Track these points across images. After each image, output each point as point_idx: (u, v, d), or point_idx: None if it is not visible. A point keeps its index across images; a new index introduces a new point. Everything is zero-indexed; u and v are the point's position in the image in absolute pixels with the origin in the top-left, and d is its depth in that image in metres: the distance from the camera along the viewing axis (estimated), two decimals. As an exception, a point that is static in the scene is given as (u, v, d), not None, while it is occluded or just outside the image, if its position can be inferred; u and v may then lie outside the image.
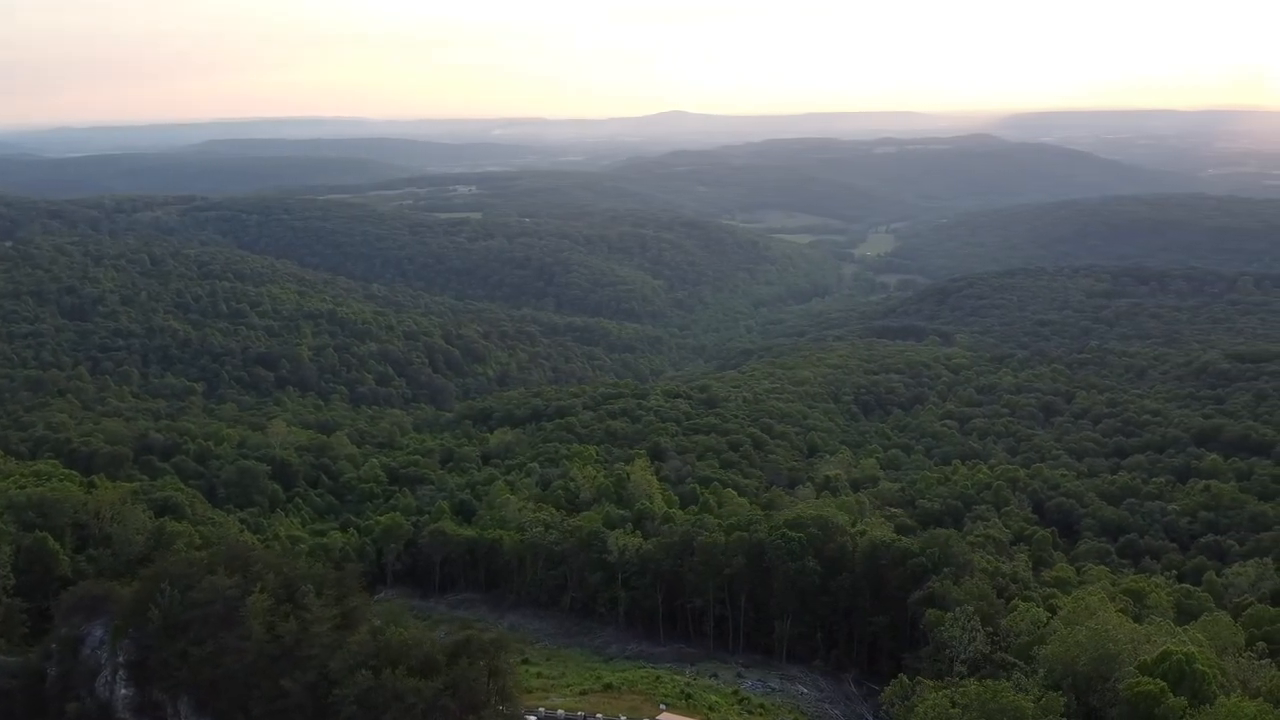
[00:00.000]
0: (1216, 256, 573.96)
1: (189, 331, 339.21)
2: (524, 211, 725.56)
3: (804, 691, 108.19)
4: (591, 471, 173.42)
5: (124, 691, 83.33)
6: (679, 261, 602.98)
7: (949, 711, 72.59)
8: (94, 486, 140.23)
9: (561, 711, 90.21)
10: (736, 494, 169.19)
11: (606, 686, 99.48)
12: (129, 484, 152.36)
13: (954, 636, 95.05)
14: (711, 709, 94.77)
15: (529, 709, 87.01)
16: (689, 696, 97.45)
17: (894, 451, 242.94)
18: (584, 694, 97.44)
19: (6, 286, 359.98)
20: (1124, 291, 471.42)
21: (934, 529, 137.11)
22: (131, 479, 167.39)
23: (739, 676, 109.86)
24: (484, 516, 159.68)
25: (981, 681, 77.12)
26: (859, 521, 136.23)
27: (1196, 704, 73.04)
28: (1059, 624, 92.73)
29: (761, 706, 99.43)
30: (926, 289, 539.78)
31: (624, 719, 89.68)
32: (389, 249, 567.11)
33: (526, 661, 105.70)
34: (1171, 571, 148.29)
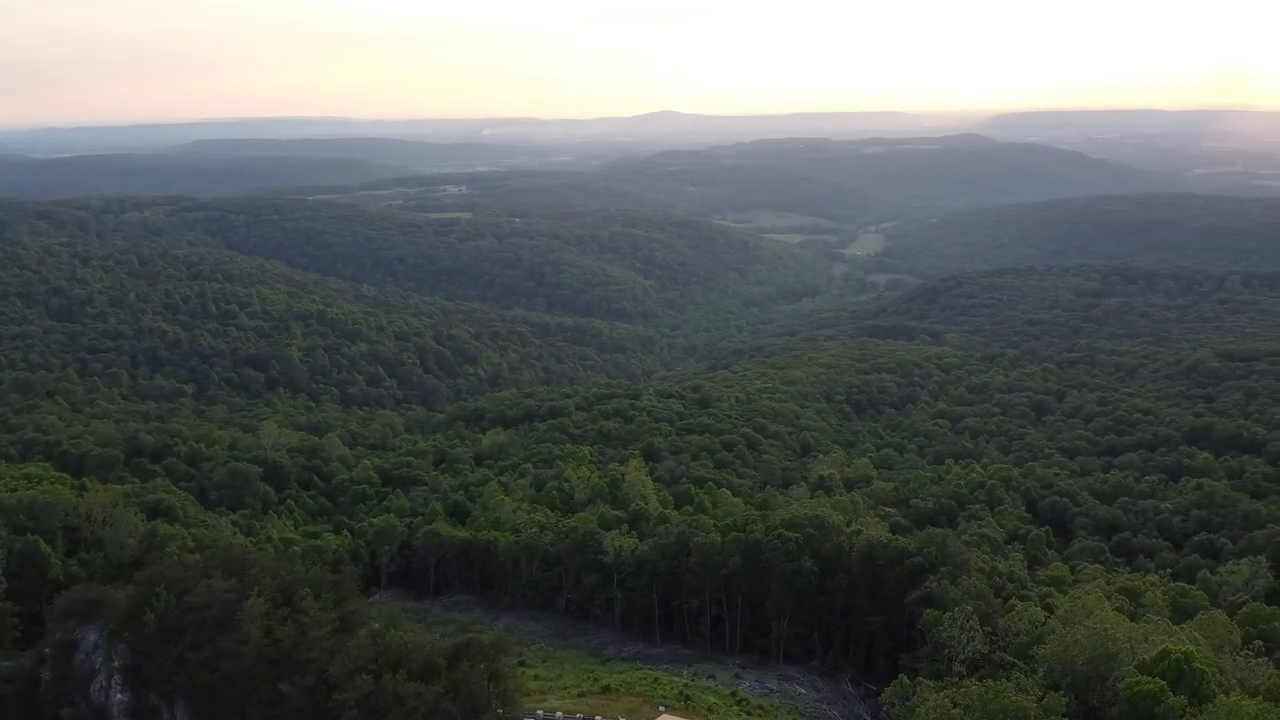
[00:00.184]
0: (1205, 256, 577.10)
1: (178, 333, 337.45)
2: (514, 211, 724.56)
3: (802, 692, 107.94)
4: (586, 472, 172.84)
5: (119, 696, 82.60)
6: (670, 261, 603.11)
7: (951, 712, 72.32)
8: (85, 489, 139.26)
9: (560, 714, 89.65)
10: (731, 494, 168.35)
11: (605, 688, 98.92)
12: (120, 486, 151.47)
13: (952, 636, 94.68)
14: (710, 710, 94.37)
15: (527, 712, 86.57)
16: (687, 698, 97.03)
17: (887, 451, 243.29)
18: (582, 696, 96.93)
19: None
20: (1113, 291, 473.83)
21: (929, 528, 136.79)
22: (122, 481, 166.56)
23: (736, 677, 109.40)
24: (478, 518, 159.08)
25: (983, 682, 76.90)
26: (854, 521, 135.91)
27: (1196, 703, 72.98)
28: (1057, 623, 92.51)
29: (760, 707, 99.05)
30: (917, 288, 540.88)
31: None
32: (379, 249, 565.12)
33: (523, 664, 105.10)
34: (1165, 570, 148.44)
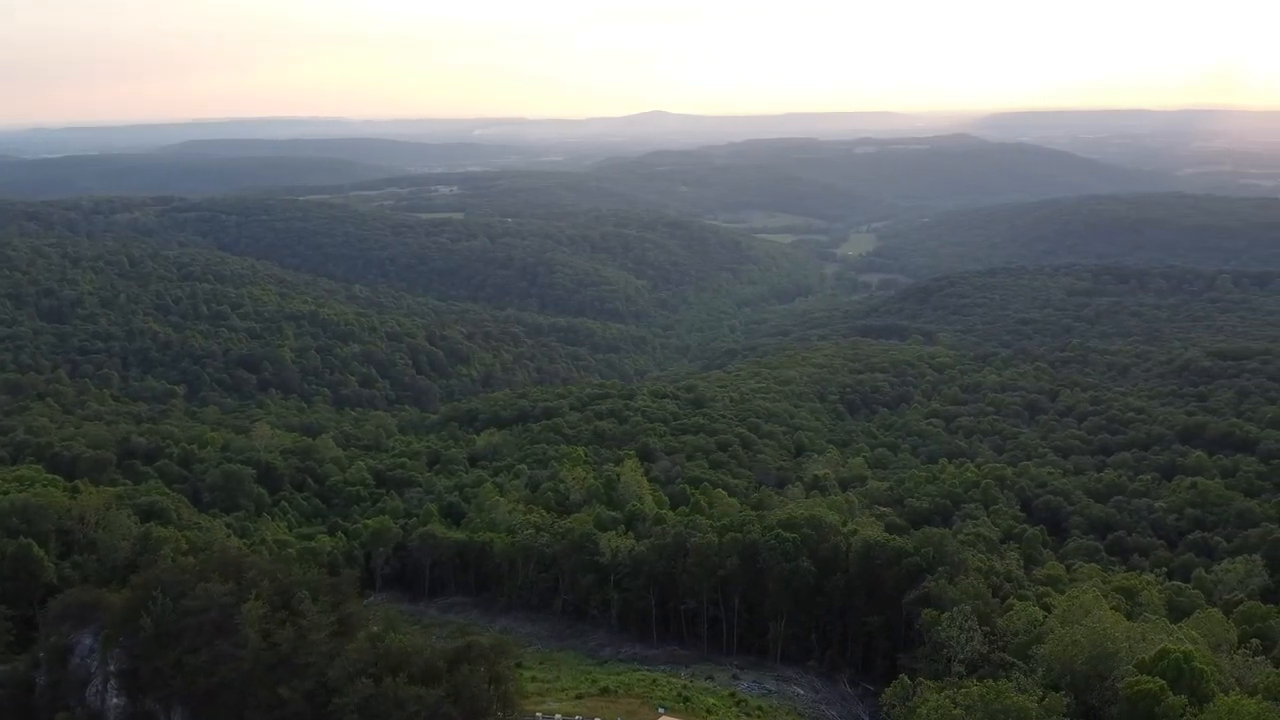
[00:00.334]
0: (1195, 255, 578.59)
1: (169, 334, 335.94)
2: (506, 212, 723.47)
3: (800, 693, 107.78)
4: (581, 473, 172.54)
5: (115, 701, 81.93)
6: (662, 261, 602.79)
7: (952, 712, 72.18)
8: (78, 492, 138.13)
9: (559, 716, 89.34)
10: (726, 494, 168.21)
11: (603, 690, 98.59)
12: (113, 489, 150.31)
13: (951, 636, 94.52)
14: (710, 712, 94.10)
15: (526, 715, 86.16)
16: (686, 699, 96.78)
17: (881, 450, 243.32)
18: (580, 698, 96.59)
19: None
20: (1104, 290, 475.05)
21: (925, 528, 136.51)
22: (115, 483, 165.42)
23: (734, 678, 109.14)
24: (473, 519, 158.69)
25: (983, 682, 76.78)
26: (850, 521, 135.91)
27: (1196, 702, 72.98)
28: (1055, 623, 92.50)
29: (759, 708, 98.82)
30: (909, 288, 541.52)
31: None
32: (371, 250, 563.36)
33: (519, 665, 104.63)
34: (1161, 569, 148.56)
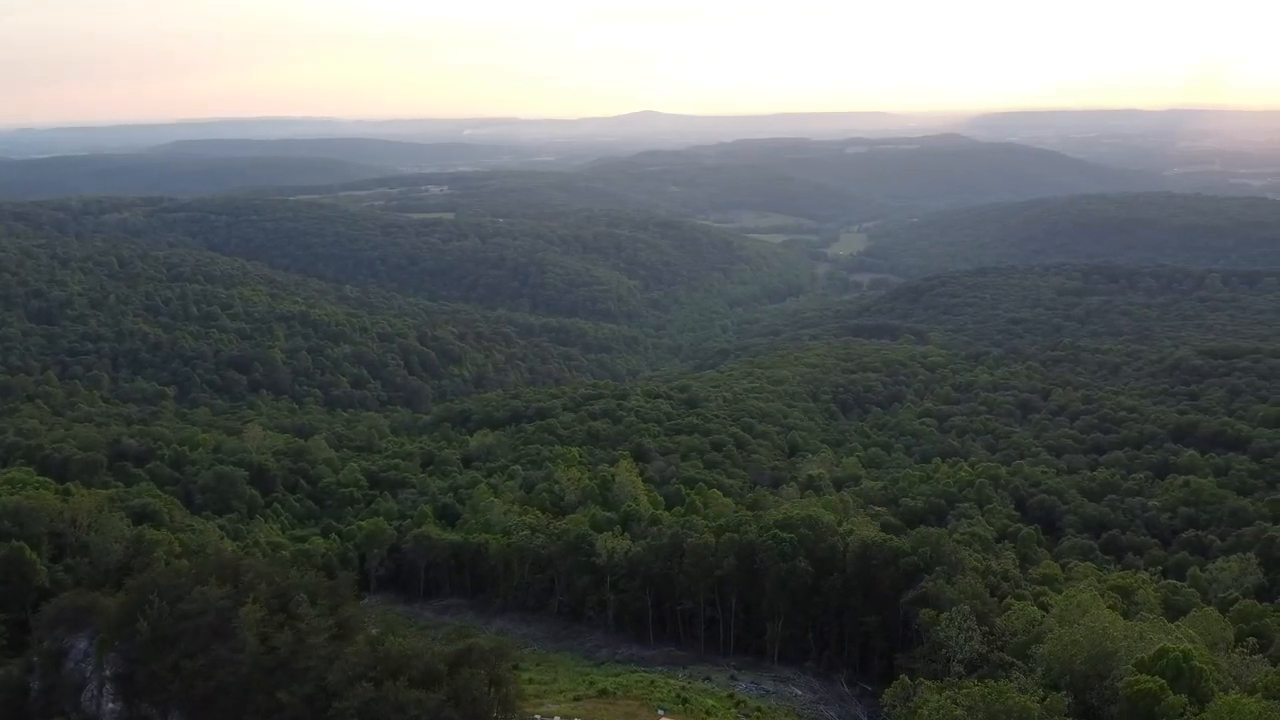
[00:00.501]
0: (1184, 254, 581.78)
1: (159, 334, 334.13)
2: (497, 212, 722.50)
3: (798, 693, 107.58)
4: (576, 473, 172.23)
5: (111, 705, 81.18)
6: (654, 261, 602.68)
7: (953, 713, 72.00)
8: (70, 494, 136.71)
9: (558, 718, 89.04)
10: (721, 494, 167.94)
11: (601, 692, 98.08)
12: (105, 491, 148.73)
13: (950, 636, 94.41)
14: (709, 713, 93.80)
15: (524, 717, 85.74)
16: (685, 700, 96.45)
17: (874, 450, 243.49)
18: (578, 700, 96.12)
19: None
20: (1094, 289, 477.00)
21: (921, 528, 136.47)
22: (106, 486, 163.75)
23: (732, 679, 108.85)
24: (468, 520, 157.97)
25: (984, 682, 76.71)
26: (845, 521, 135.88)
27: (1195, 701, 72.99)
28: (1053, 622, 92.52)
29: (758, 709, 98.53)
30: (900, 288, 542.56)
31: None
32: (361, 250, 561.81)
33: (517, 668, 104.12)
34: (1155, 567, 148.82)
